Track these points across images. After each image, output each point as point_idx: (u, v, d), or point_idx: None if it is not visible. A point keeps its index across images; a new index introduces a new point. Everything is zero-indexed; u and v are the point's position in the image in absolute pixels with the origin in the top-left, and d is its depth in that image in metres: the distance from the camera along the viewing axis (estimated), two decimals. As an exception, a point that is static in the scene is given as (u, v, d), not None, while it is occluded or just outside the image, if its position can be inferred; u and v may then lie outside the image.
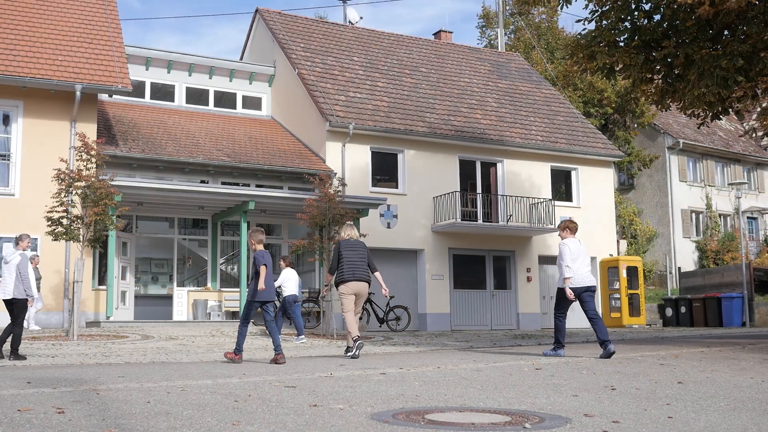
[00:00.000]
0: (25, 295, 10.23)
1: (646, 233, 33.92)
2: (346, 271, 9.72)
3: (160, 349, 12.66)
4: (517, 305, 24.15)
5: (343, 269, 9.72)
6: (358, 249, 9.85)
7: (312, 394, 5.83)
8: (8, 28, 19.06)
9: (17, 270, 10.19)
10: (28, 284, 10.21)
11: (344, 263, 9.74)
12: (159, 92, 24.38)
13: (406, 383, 6.74)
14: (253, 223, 21.29)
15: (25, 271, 10.22)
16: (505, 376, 7.52)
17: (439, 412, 4.98)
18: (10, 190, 17.60)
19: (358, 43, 27.62)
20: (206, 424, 4.39)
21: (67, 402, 5.28)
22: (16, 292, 10.19)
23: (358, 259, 9.80)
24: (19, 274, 10.18)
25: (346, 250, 9.82)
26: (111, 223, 15.37)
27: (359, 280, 9.75)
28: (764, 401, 5.58)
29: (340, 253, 9.82)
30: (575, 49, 14.71)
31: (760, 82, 13.74)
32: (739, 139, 38.03)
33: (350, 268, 9.72)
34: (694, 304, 25.60)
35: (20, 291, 10.21)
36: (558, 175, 25.90)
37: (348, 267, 9.72)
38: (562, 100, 29.34)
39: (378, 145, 22.56)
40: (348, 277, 9.72)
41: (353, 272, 9.74)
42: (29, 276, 10.24)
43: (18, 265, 10.21)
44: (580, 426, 4.42)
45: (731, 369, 8.29)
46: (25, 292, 10.22)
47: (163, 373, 7.93)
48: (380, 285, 10.25)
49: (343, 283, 9.76)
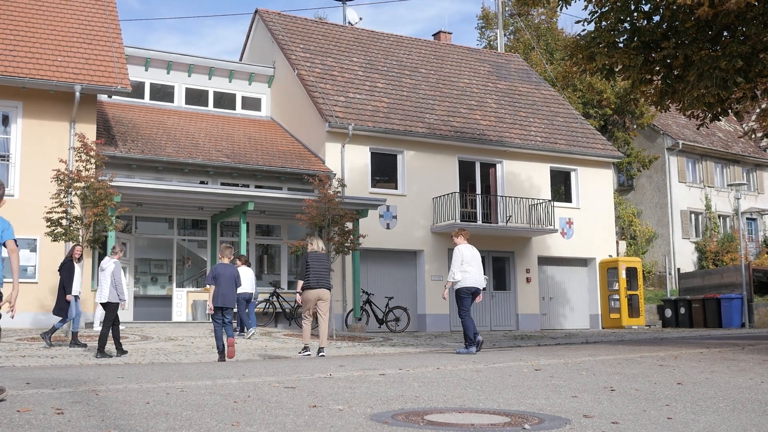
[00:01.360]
0: (118, 300, 11.59)
1: (645, 234, 33.93)
2: (312, 279, 10.88)
3: (160, 350, 12.66)
4: (517, 306, 24.15)
5: (310, 277, 10.89)
6: (323, 260, 11.07)
7: (311, 395, 5.83)
8: (8, 29, 19.05)
9: (112, 277, 11.56)
10: (121, 289, 11.62)
11: (311, 272, 10.90)
12: (158, 93, 24.38)
13: (405, 384, 6.74)
14: (252, 224, 21.31)
15: (118, 278, 11.62)
16: (504, 376, 7.52)
17: (439, 413, 4.97)
18: (9, 190, 17.57)
19: (357, 44, 27.63)
20: (205, 424, 4.39)
21: (67, 403, 5.28)
22: (111, 296, 11.58)
23: (323, 269, 10.99)
24: (113, 281, 11.53)
25: (312, 261, 10.98)
26: (110, 224, 15.37)
27: (322, 287, 10.92)
28: (764, 402, 5.58)
29: (308, 263, 10.97)
30: (574, 50, 14.72)
31: (759, 83, 13.73)
32: (739, 140, 38.04)
33: (315, 276, 10.89)
34: (693, 305, 25.61)
35: (114, 295, 11.58)
36: (557, 176, 25.90)
37: (314, 275, 10.89)
38: (561, 101, 29.35)
39: (377, 146, 22.57)
40: (313, 284, 10.87)
41: (318, 280, 10.90)
42: (122, 282, 11.70)
43: (113, 272, 11.59)
44: (580, 427, 4.42)
45: (730, 370, 8.29)
46: (118, 296, 11.58)
47: (163, 373, 7.93)
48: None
49: (309, 289, 10.89)
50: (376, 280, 21.90)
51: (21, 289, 7.86)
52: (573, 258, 25.42)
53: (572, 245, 25.17)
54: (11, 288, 5.63)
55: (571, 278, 25.60)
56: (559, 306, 25.39)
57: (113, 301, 11.57)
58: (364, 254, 21.00)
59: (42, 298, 16.98)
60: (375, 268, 22.04)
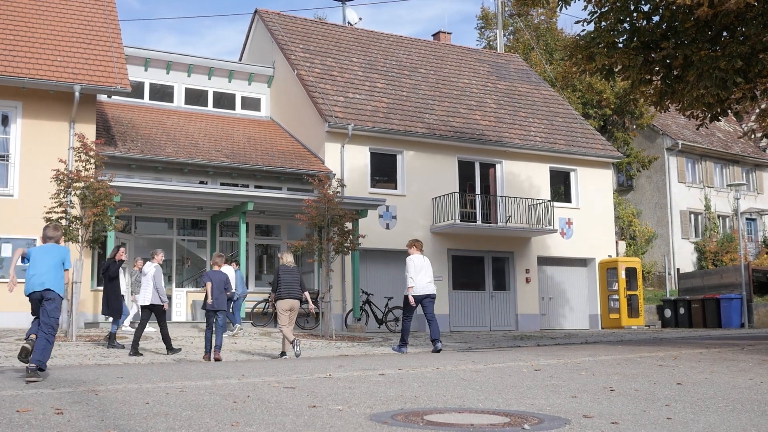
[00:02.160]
0: (161, 302, 12.13)
1: (644, 234, 33.93)
2: (283, 290, 11.81)
3: (159, 350, 12.66)
4: (516, 306, 24.15)
5: (281, 289, 11.83)
6: (293, 273, 11.99)
7: (311, 395, 5.82)
8: (7, 29, 19.04)
9: (153, 280, 12.14)
10: (162, 292, 12.19)
11: (282, 284, 11.83)
12: (158, 93, 24.37)
13: (405, 384, 6.74)
14: (252, 224, 21.31)
15: (159, 282, 12.17)
16: (504, 377, 7.52)
17: (438, 413, 4.97)
18: (8, 190, 17.58)
19: (357, 44, 27.63)
20: (205, 424, 4.39)
21: (66, 403, 5.28)
22: (153, 299, 12.12)
23: (293, 281, 11.90)
24: (155, 284, 12.11)
25: (284, 274, 11.89)
26: (110, 224, 15.36)
27: (293, 298, 11.87)
28: (763, 402, 5.58)
29: (279, 276, 11.89)
30: (574, 50, 14.71)
31: (759, 84, 13.73)
32: (738, 141, 38.05)
33: (286, 288, 11.81)
34: (692, 306, 25.61)
35: (156, 298, 12.11)
36: (557, 176, 25.90)
37: (285, 287, 11.81)
38: (561, 101, 29.35)
39: (377, 146, 22.56)
40: (285, 295, 11.81)
41: (288, 291, 11.81)
42: (161, 285, 12.24)
43: (154, 275, 12.20)
44: (579, 427, 4.42)
45: (730, 370, 8.29)
46: (161, 299, 12.12)
47: (162, 373, 7.93)
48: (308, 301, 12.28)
49: (281, 300, 11.82)
50: (376, 280, 21.89)
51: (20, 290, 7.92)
52: (572, 258, 25.42)
53: (572, 245, 25.17)
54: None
55: (571, 278, 25.60)
56: (559, 306, 25.39)
57: (156, 303, 12.14)
58: (364, 254, 21.00)
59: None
60: (374, 268, 22.04)
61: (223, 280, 11.66)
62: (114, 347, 12.85)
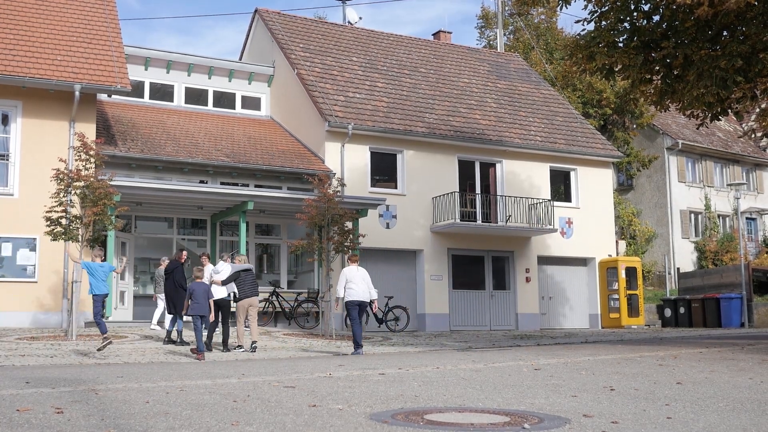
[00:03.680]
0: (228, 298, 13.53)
1: (645, 234, 33.92)
2: (241, 291, 13.11)
3: (159, 349, 12.67)
4: (516, 306, 24.14)
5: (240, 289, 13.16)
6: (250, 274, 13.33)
7: (311, 395, 5.83)
8: (7, 28, 19.04)
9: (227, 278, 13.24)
10: (232, 289, 13.45)
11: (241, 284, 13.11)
12: (158, 92, 24.37)
13: (405, 383, 6.74)
14: (252, 224, 21.30)
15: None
16: (504, 376, 7.52)
17: (438, 413, 4.98)
18: (9, 190, 17.58)
19: (357, 44, 27.62)
20: (205, 424, 4.39)
21: (66, 402, 5.28)
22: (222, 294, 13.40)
23: (251, 281, 13.23)
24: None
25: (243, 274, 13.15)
26: (110, 223, 15.36)
27: (252, 296, 13.16)
28: (763, 402, 5.58)
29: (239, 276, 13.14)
30: (574, 50, 14.72)
31: (759, 83, 13.74)
32: (738, 140, 38.04)
33: (246, 288, 13.11)
34: (692, 305, 25.61)
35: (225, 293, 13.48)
36: (557, 176, 25.90)
37: (243, 287, 13.11)
38: (561, 100, 29.35)
39: (377, 146, 22.56)
40: (242, 295, 13.10)
41: (245, 292, 13.09)
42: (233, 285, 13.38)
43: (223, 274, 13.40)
44: (579, 426, 4.42)
45: (730, 370, 8.29)
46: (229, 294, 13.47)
47: (162, 373, 7.93)
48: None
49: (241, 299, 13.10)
50: (376, 279, 21.78)
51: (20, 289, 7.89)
52: (572, 258, 25.42)
53: (572, 245, 25.17)
54: None
55: (571, 278, 25.59)
56: (559, 305, 25.39)
57: (221, 299, 13.32)
58: (364, 254, 20.97)
59: (41, 297, 16.97)
60: (374, 268, 21.99)
61: (206, 290, 12.36)
62: (183, 344, 13.47)
